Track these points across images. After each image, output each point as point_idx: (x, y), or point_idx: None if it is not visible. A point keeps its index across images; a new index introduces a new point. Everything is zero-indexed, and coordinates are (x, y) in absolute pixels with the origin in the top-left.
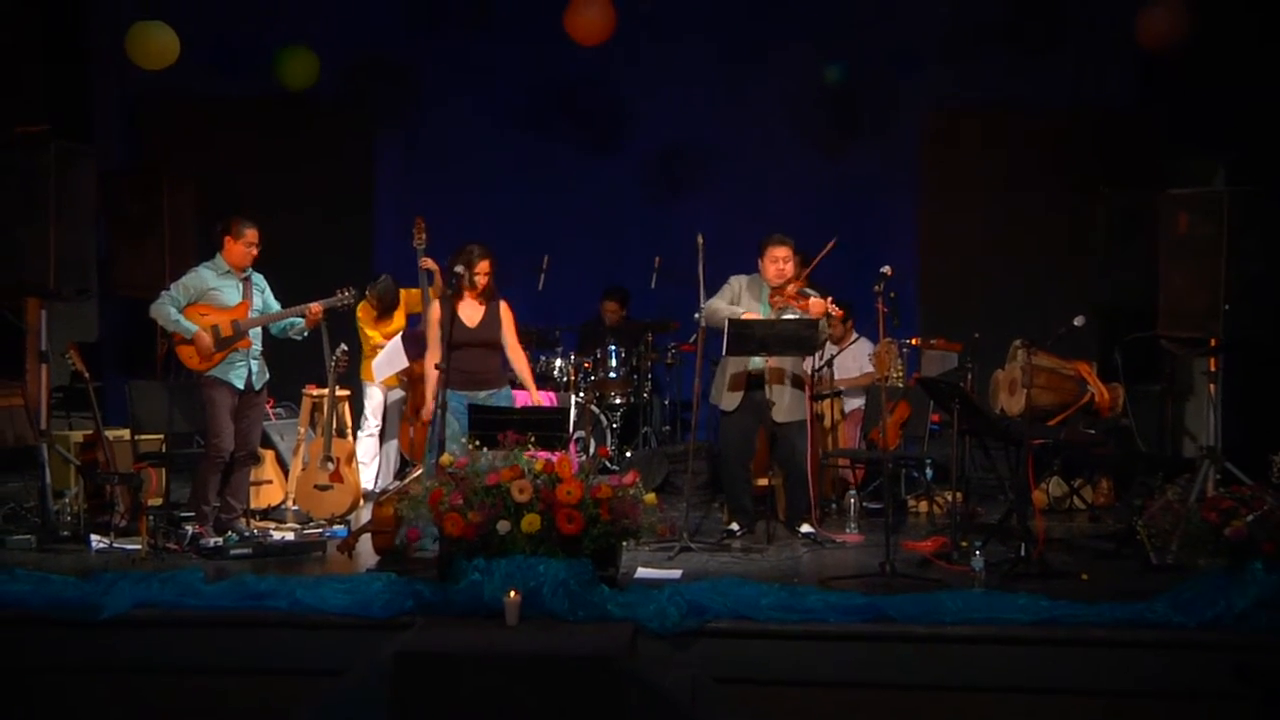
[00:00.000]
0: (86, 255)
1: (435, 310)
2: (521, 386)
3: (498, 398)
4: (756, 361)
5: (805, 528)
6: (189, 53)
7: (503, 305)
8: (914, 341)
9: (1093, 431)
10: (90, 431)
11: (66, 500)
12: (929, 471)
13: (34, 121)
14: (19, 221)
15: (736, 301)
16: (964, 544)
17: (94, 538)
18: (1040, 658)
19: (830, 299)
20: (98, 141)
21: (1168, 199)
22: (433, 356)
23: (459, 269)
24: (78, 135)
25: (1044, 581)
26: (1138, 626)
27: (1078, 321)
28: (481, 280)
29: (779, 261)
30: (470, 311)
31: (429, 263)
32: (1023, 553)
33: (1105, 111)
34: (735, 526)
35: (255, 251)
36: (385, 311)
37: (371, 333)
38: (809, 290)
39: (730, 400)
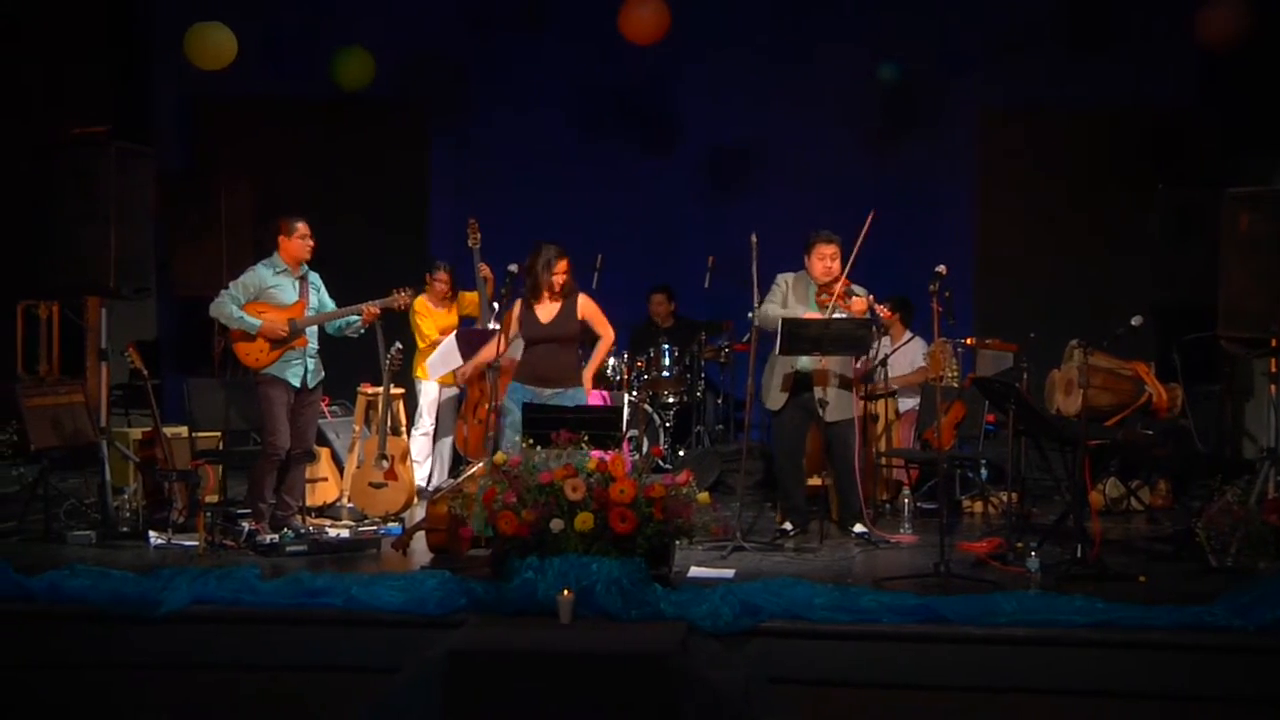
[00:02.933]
0: (145, 255)
1: (516, 309)
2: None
3: (563, 398)
4: (803, 361)
5: (859, 528)
6: (246, 54)
7: (581, 298)
8: (969, 341)
9: (1150, 432)
10: (149, 429)
11: (126, 497)
12: (984, 472)
13: (94, 123)
14: (80, 222)
15: (785, 302)
16: (1019, 545)
17: (152, 534)
18: (1096, 661)
19: (873, 297)
20: (156, 142)
21: (1228, 197)
22: (490, 350)
23: (539, 270)
24: (137, 136)
25: (1100, 584)
26: (1196, 630)
27: (1135, 321)
28: (559, 280)
29: (826, 259)
30: (545, 308)
31: (485, 270)
32: (1079, 554)
33: (1162, 109)
34: (789, 526)
35: (311, 242)
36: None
37: (427, 328)
38: (856, 289)
39: (778, 400)
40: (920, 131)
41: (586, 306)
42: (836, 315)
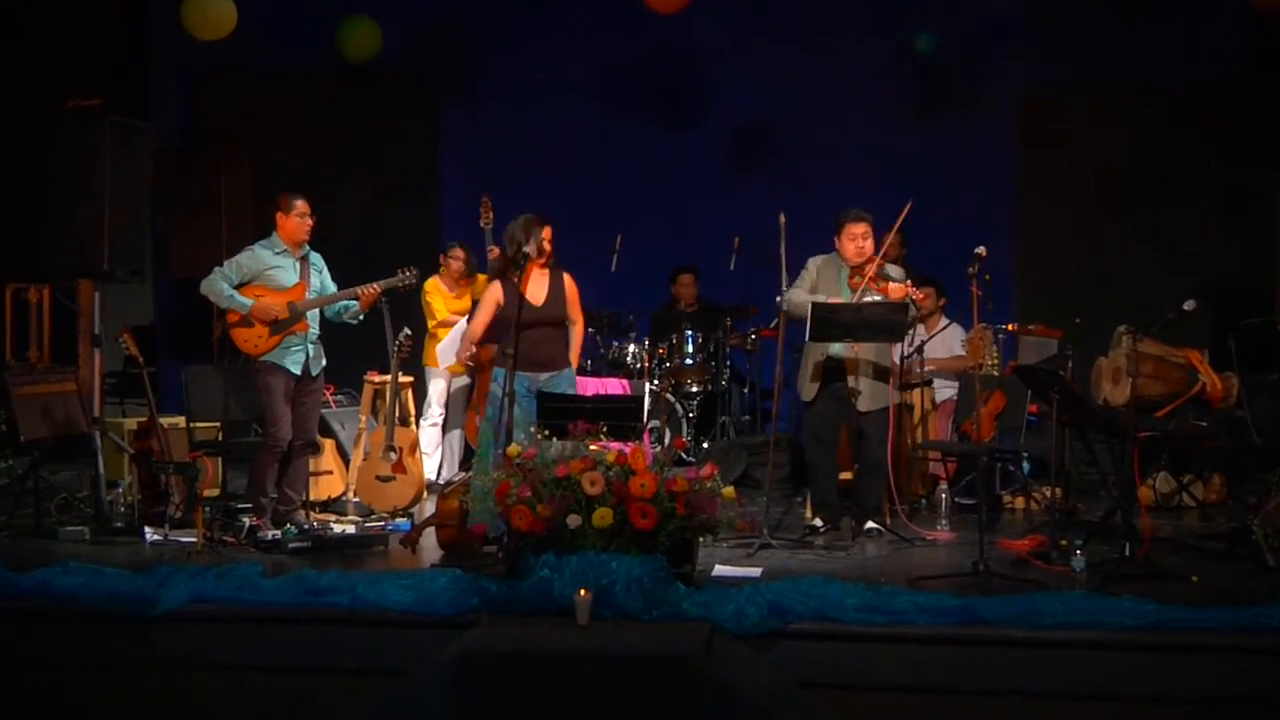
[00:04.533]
0: (141, 235)
1: (495, 290)
2: (582, 374)
3: (559, 380)
4: (836, 348)
5: (871, 524)
6: (247, 23)
7: (567, 278)
8: (1010, 327)
9: (1204, 423)
10: (144, 419)
11: (120, 491)
12: (1026, 466)
13: (87, 95)
14: (72, 200)
15: (815, 286)
16: (1063, 543)
17: (148, 530)
18: (1145, 665)
19: (909, 283)
20: (153, 116)
21: None
22: (469, 338)
23: (527, 248)
24: (132, 110)
25: (1150, 584)
26: (1252, 633)
27: (1188, 306)
28: (547, 249)
29: (857, 239)
30: (536, 288)
31: (497, 253)
32: (1127, 553)
33: (1217, 81)
34: (819, 522)
35: (310, 221)
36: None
37: (439, 308)
38: (889, 271)
39: (811, 390)
40: (959, 106)
41: (571, 287)
42: (869, 299)
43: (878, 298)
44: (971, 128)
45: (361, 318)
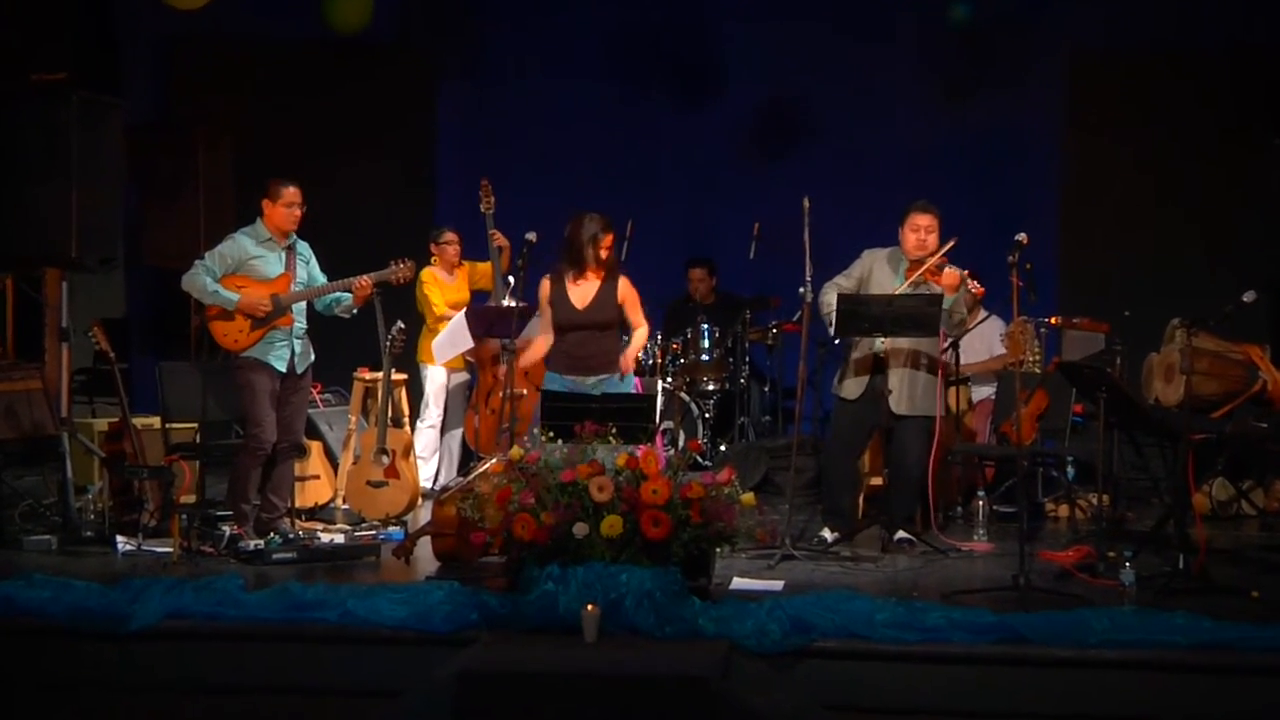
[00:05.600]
0: (112, 220)
1: (544, 288)
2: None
3: (610, 384)
4: (879, 342)
5: (901, 533)
6: None
7: (623, 281)
8: (1054, 320)
9: (1264, 425)
10: (116, 419)
11: (90, 497)
12: (1070, 471)
13: (53, 69)
14: (37, 182)
15: (866, 280)
16: (1111, 555)
17: (120, 539)
18: (1200, 687)
19: (968, 272)
20: (125, 92)
21: None
22: (541, 343)
23: (584, 242)
24: (102, 85)
25: (1206, 599)
26: None
27: (1247, 297)
28: (605, 256)
29: (920, 231)
30: (580, 289)
31: (500, 238)
32: (1181, 565)
33: (1277, 52)
34: (828, 533)
35: (299, 211)
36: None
37: (437, 301)
38: (951, 266)
39: (852, 388)
40: (999, 80)
41: (627, 292)
42: (918, 290)
43: (929, 292)
44: (1011, 105)
45: (355, 311)
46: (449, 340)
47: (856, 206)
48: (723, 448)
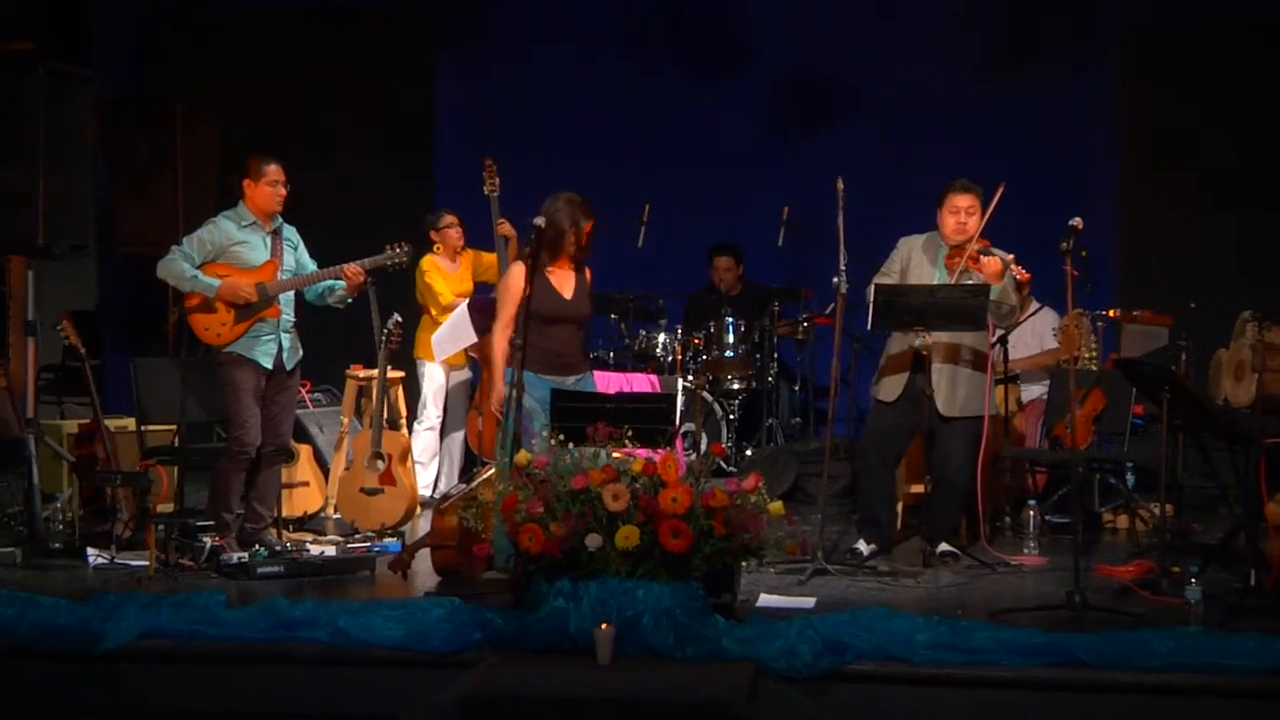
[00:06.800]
0: (83, 204)
1: (518, 274)
2: (603, 367)
3: (586, 383)
4: (921, 338)
5: (944, 546)
6: None
7: (588, 271)
8: (1112, 313)
9: None
10: (87, 421)
11: (58, 505)
12: (1130, 478)
13: (17, 38)
14: (1, 162)
15: (905, 270)
16: (1175, 570)
17: (91, 552)
18: (1273, 717)
19: (1013, 258)
20: (97, 63)
21: None
22: (504, 331)
23: (566, 227)
24: (73, 55)
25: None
26: None
27: None
28: (585, 243)
29: (959, 213)
30: (563, 279)
31: (506, 228)
32: (1252, 582)
33: None
34: (864, 546)
35: (284, 191)
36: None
37: (442, 290)
38: (994, 250)
39: (890, 388)
40: (1051, 53)
41: (589, 281)
42: (960, 280)
43: (974, 281)
44: (1065, 75)
45: (350, 301)
46: (450, 335)
47: (895, 188)
48: (749, 452)
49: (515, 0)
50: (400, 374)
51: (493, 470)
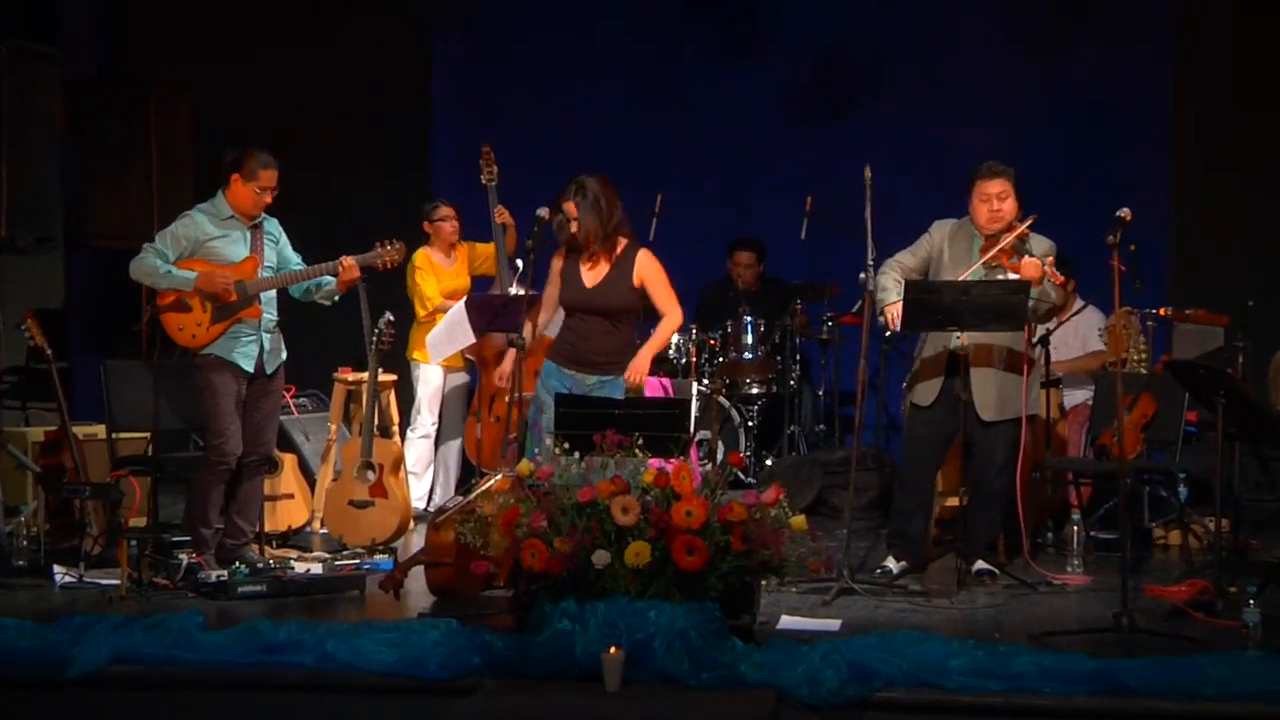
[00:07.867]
0: (49, 193)
1: (557, 262)
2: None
3: (612, 387)
4: (957, 338)
5: (981, 564)
6: None
7: (641, 255)
8: (1163, 312)
9: None
10: (54, 428)
11: (22, 520)
12: (1183, 490)
13: None
14: None
15: (934, 259)
16: (1232, 590)
17: (58, 570)
18: None
19: (1050, 259)
20: (64, 41)
21: None
22: (543, 321)
23: (616, 216)
24: (37, 34)
25: None
26: None
27: None
28: (573, 228)
29: (991, 200)
30: (593, 266)
31: (504, 214)
32: None
33: None
34: (892, 563)
35: (269, 199)
36: None
37: (430, 291)
38: (1032, 246)
39: (926, 392)
40: (1097, 30)
41: (646, 267)
42: (1002, 277)
43: (1012, 278)
44: (1113, 58)
45: (338, 298)
46: (446, 335)
47: (927, 177)
48: (769, 462)
49: None
50: (392, 377)
51: (492, 481)
